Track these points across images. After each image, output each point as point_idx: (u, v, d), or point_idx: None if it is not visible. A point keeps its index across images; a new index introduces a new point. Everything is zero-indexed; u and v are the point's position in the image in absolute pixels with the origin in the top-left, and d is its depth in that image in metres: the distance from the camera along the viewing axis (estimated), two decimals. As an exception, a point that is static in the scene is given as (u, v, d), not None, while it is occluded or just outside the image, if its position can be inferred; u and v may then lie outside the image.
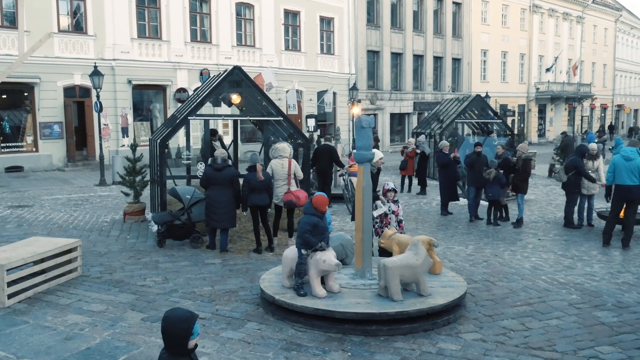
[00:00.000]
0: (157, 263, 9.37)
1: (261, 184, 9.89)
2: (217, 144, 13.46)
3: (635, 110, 69.51)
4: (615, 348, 6.14)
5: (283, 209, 10.67)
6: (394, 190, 9.51)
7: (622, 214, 11.00)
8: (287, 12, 31.71)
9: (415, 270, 6.84)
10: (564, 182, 12.64)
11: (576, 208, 12.86)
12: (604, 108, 62.65)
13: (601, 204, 13.23)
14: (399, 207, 9.55)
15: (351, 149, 20.73)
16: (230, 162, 10.38)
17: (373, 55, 37.17)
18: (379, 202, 9.33)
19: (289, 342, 6.18)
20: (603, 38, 60.39)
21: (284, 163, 10.39)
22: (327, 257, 6.82)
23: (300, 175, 10.62)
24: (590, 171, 12.59)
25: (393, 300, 6.67)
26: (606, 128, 56.77)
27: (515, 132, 27.50)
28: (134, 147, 12.83)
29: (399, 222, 9.45)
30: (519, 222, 12.87)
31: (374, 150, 9.18)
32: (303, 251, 7.00)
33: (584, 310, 7.32)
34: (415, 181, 18.81)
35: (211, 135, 13.30)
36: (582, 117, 57.36)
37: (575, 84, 53.16)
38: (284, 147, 10.60)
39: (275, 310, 6.95)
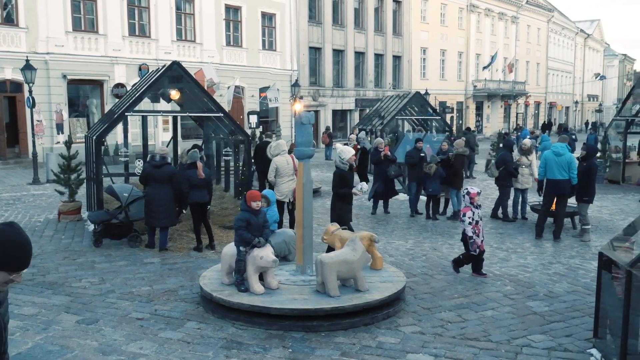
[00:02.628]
0: (93, 263, 9.12)
1: (201, 181, 9.80)
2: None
3: (567, 108, 72.41)
4: (546, 336, 6.39)
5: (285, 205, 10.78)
6: (479, 194, 8.94)
7: (553, 207, 11.44)
8: (228, 7, 31.38)
9: (352, 266, 6.89)
10: (495, 176, 13.07)
11: (511, 202, 13.30)
12: (537, 105, 64.99)
13: (534, 198, 13.71)
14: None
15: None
16: (169, 160, 10.21)
17: (315, 52, 37.27)
18: (363, 184, 9.25)
19: (229, 341, 6.14)
20: (536, 38, 62.65)
21: (288, 159, 10.38)
22: (265, 253, 6.82)
23: None
24: (524, 166, 13.04)
25: (330, 296, 6.72)
26: (539, 127, 58.86)
27: (454, 128, 28.16)
28: (69, 144, 12.43)
29: (476, 222, 8.65)
30: (455, 215, 13.21)
31: (344, 147, 9.21)
32: (241, 248, 6.98)
33: (518, 301, 7.58)
34: (356, 177, 18.98)
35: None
36: (517, 114, 59.33)
37: (511, 82, 54.93)
38: (284, 143, 10.64)
39: (215, 308, 6.88)
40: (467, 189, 8.85)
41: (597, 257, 6.07)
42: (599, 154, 19.99)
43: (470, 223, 8.48)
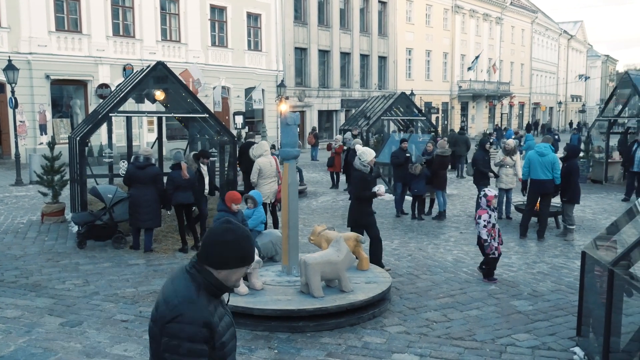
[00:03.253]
0: (77, 265, 9.04)
1: (186, 182, 9.76)
2: (204, 168, 11.14)
3: (550, 108, 73.06)
4: (530, 335, 6.44)
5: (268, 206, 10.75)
6: (496, 197, 8.77)
7: (537, 206, 11.54)
8: (213, 8, 31.28)
9: (336, 266, 6.89)
10: (471, 175, 13.20)
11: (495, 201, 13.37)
12: (522, 106, 65.49)
13: (518, 198, 13.81)
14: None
15: (279, 146, 20.70)
16: (153, 161, 10.15)
17: (301, 52, 37.26)
18: (381, 186, 9.10)
19: (215, 342, 6.11)
20: (520, 39, 63.14)
21: (271, 160, 10.35)
22: None
23: None
24: (508, 166, 13.12)
25: (314, 297, 6.72)
26: (524, 128, 59.34)
27: (440, 128, 28.30)
28: (52, 144, 12.32)
29: (493, 225, 8.47)
30: (440, 216, 13.26)
31: (365, 148, 9.00)
32: None
33: (502, 300, 7.63)
34: (343, 178, 19.00)
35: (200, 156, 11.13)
36: (501, 114, 59.74)
37: (495, 83, 55.32)
38: (266, 144, 10.59)
39: (201, 310, 6.84)
40: (484, 190, 8.62)
41: (580, 257, 6.14)
42: (582, 154, 20.26)
43: (485, 226, 8.25)
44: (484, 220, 8.28)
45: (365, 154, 8.58)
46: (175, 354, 2.51)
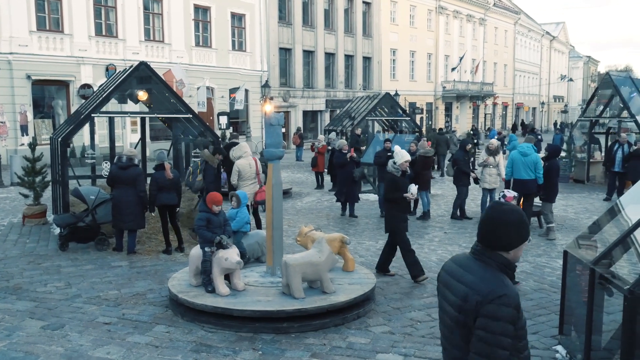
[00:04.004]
0: (59, 267, 8.94)
1: (170, 183, 9.70)
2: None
3: (533, 109, 73.69)
4: (513, 334, 6.46)
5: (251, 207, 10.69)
6: (516, 198, 8.74)
7: (520, 206, 11.62)
8: (197, 8, 31.14)
9: (317, 267, 6.88)
10: (451, 176, 13.30)
11: (480, 202, 13.47)
12: (505, 106, 65.99)
13: (502, 198, 13.87)
14: None
15: (263, 147, 20.66)
16: (137, 161, 10.07)
17: (285, 53, 37.23)
18: (412, 186, 8.94)
19: (198, 344, 6.08)
20: (504, 39, 63.62)
21: (250, 162, 10.29)
22: (229, 254, 6.84)
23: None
24: (491, 166, 13.20)
25: (294, 298, 6.70)
26: (508, 128, 59.77)
27: (424, 128, 28.43)
28: (33, 145, 12.19)
29: None
30: (424, 216, 13.32)
31: (401, 150, 8.75)
32: (206, 249, 7.00)
33: (486, 299, 7.66)
34: (327, 178, 19.00)
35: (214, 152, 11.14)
36: (485, 114, 60.16)
37: (479, 83, 55.69)
38: (246, 146, 10.53)
39: (184, 311, 6.82)
40: (502, 192, 8.54)
41: (563, 256, 6.19)
42: (564, 154, 20.46)
43: None
44: None
45: (398, 156, 8.45)
46: (490, 333, 2.66)
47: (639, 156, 15.39)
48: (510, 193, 8.49)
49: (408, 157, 8.55)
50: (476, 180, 13.47)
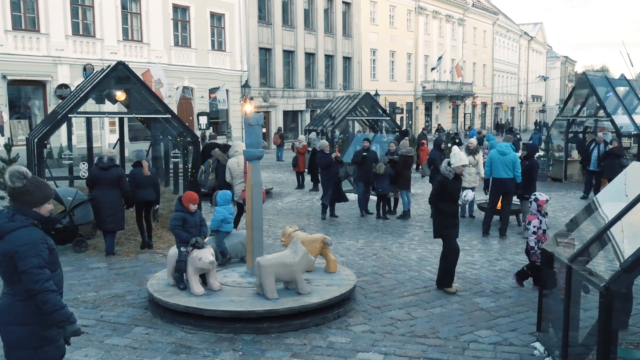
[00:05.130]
0: (36, 270, 8.80)
1: (147, 180, 9.81)
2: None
3: (512, 108, 74.46)
4: (492, 331, 6.54)
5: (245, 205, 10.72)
6: (548, 201, 8.28)
7: (499, 205, 11.73)
8: (176, 7, 30.94)
9: (291, 268, 6.85)
10: (428, 175, 13.34)
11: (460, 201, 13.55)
12: (484, 105, 66.56)
13: (481, 196, 14.02)
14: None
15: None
16: (117, 162, 10.00)
17: (265, 53, 37.14)
18: (468, 191, 8.57)
19: (178, 345, 6.04)
20: (482, 40, 64.18)
21: (239, 161, 10.31)
22: (203, 254, 6.85)
23: None
24: (470, 165, 13.29)
25: (267, 299, 6.68)
26: (489, 127, 60.35)
27: (404, 128, 28.54)
28: (9, 146, 12.01)
29: (544, 232, 8.08)
30: (405, 215, 13.37)
31: (459, 152, 8.01)
32: (182, 249, 7.04)
33: (465, 298, 7.73)
34: (307, 177, 19.01)
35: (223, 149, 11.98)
36: (465, 114, 60.64)
37: (458, 83, 56.11)
38: (241, 144, 10.58)
39: (164, 312, 6.77)
40: (535, 195, 8.18)
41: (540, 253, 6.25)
42: (542, 153, 20.71)
43: (534, 232, 7.86)
44: (534, 226, 7.88)
45: (456, 158, 7.81)
46: None
47: (614, 155, 15.63)
48: (543, 196, 8.05)
49: (466, 161, 7.95)
50: None
